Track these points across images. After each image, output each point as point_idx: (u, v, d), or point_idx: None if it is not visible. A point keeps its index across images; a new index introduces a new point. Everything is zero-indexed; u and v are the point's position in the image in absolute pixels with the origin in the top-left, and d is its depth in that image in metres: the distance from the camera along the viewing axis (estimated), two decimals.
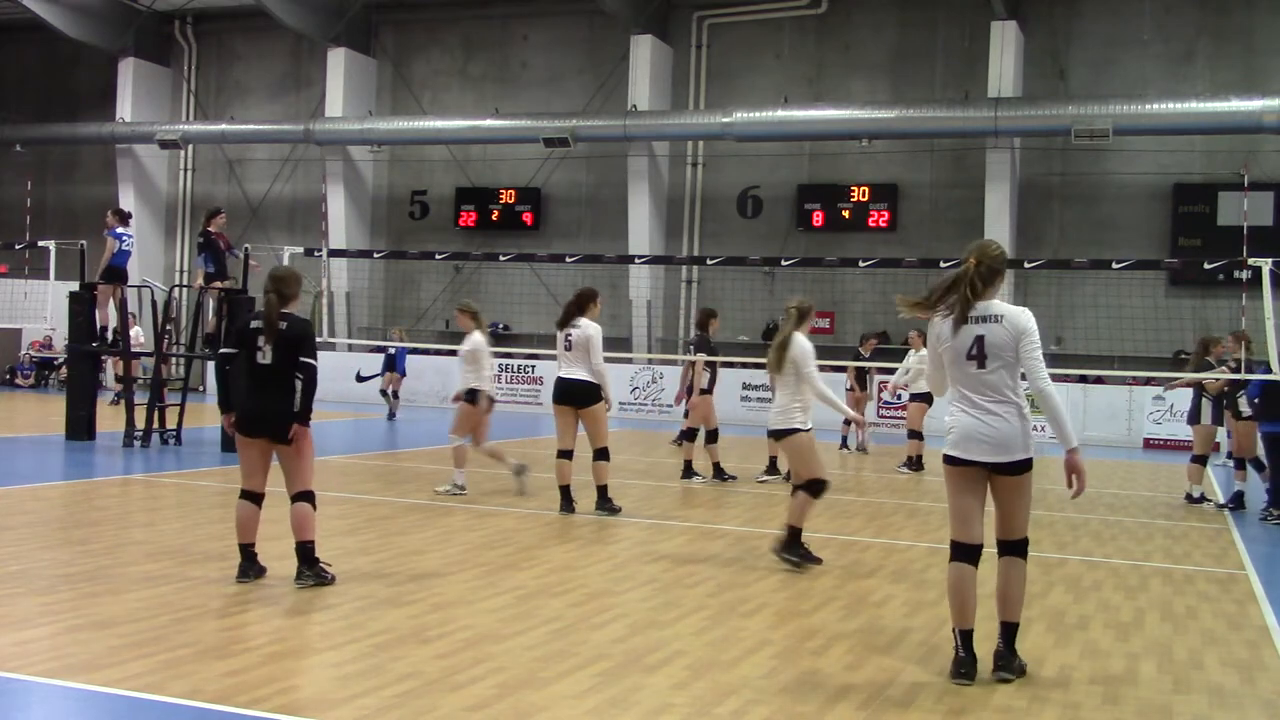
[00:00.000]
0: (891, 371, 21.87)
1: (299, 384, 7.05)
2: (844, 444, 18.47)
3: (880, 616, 6.94)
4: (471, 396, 11.34)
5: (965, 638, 5.69)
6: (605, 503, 10.58)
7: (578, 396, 10.46)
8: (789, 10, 25.74)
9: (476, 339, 11.59)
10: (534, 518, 10.37)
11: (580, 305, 10.58)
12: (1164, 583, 8.39)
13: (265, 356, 7.04)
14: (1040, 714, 5.23)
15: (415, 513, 10.34)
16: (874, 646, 6.27)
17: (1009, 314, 5.68)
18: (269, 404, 7.05)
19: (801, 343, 8.41)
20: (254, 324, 7.16)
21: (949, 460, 5.83)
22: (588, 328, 10.42)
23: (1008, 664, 5.70)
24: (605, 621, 6.53)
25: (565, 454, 10.65)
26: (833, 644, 6.26)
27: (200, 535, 8.73)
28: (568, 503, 10.64)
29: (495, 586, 7.32)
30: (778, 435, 8.58)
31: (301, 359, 7.04)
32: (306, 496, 7.18)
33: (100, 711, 4.85)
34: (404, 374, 23.28)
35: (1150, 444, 21.64)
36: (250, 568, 7.21)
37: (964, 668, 5.65)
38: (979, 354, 5.64)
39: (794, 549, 8.29)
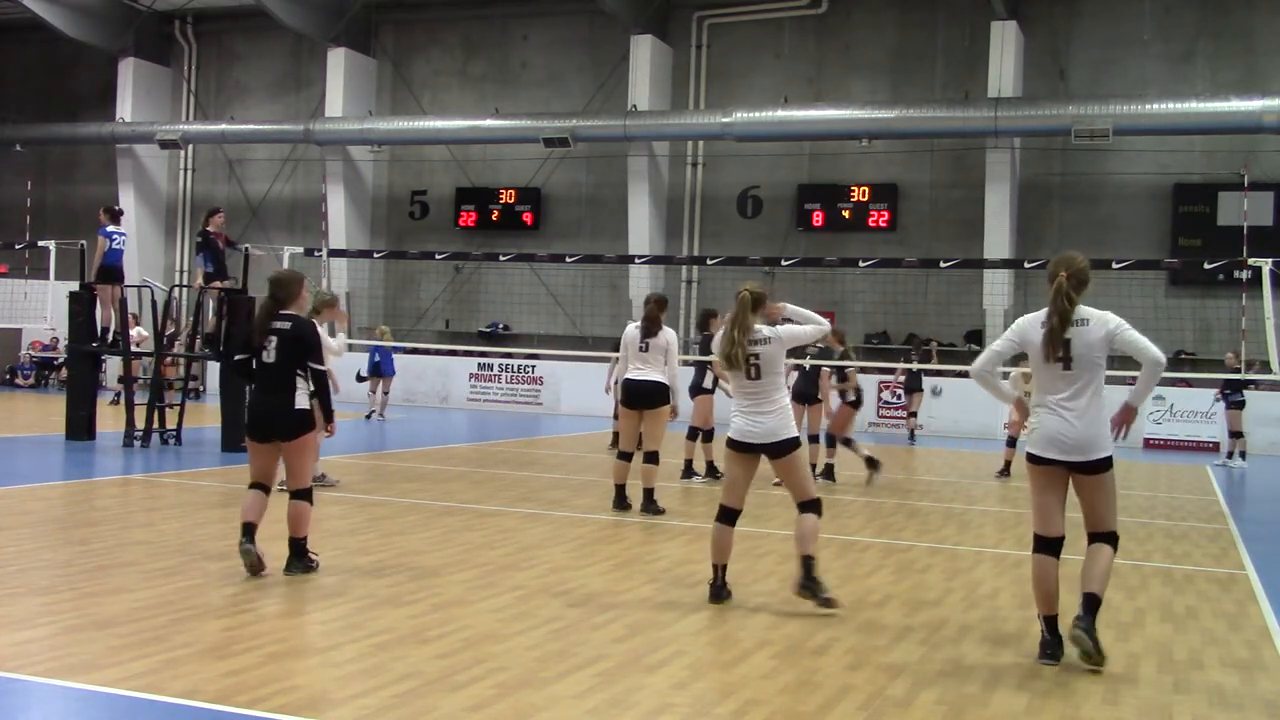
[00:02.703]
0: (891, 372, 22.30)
1: (301, 382, 7.31)
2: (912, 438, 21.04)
3: (880, 617, 6.94)
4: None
5: (1050, 623, 6.00)
6: (650, 504, 10.66)
7: (648, 397, 10.61)
8: (789, 10, 25.74)
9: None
10: (535, 518, 10.37)
11: (661, 311, 10.81)
12: (1164, 583, 8.39)
13: (269, 355, 7.32)
14: (1040, 714, 5.23)
15: (415, 513, 10.34)
16: (874, 646, 6.27)
17: (1095, 316, 5.96)
18: (273, 403, 7.31)
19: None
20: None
21: (1032, 459, 6.04)
22: (668, 333, 10.76)
23: (1088, 630, 5.84)
24: (605, 621, 6.52)
25: (626, 456, 10.82)
26: (833, 644, 6.26)
27: (200, 535, 8.72)
28: (621, 501, 10.80)
29: (495, 586, 7.32)
30: (790, 447, 7.01)
31: (311, 365, 7.34)
32: (305, 494, 7.39)
33: (100, 711, 4.85)
34: (387, 374, 22.53)
35: (1150, 444, 21.65)
36: (249, 541, 7.24)
37: (1050, 649, 5.95)
38: (1065, 356, 5.89)
39: (816, 581, 7.04)
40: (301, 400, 7.32)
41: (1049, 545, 6.03)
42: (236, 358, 7.56)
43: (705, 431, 13.58)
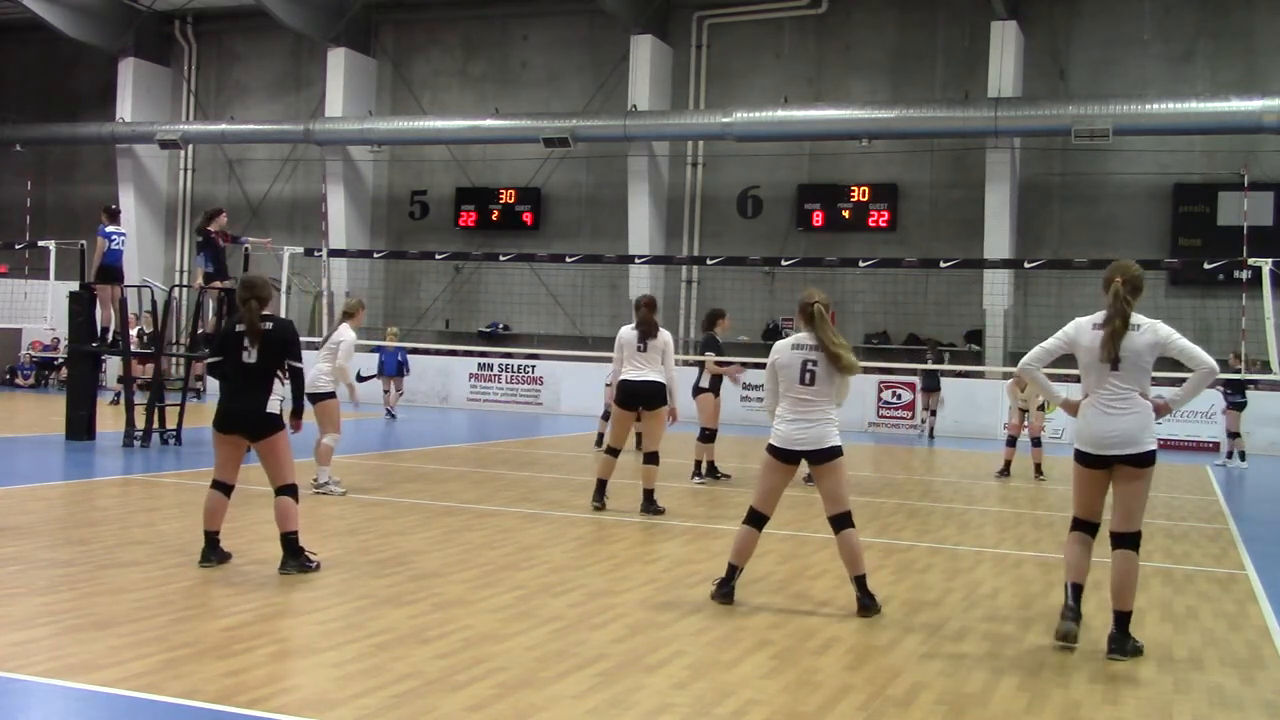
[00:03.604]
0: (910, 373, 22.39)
1: (280, 383, 7.61)
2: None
3: (880, 617, 6.93)
4: (332, 393, 11.26)
5: (1076, 590, 6.34)
6: (651, 505, 10.69)
7: (647, 397, 10.63)
8: (789, 10, 25.74)
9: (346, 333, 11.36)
10: (534, 518, 10.37)
11: (654, 313, 10.83)
12: (1164, 583, 8.39)
13: (250, 356, 7.46)
14: (1040, 714, 5.23)
15: (415, 513, 10.34)
16: (874, 646, 6.27)
17: (1146, 323, 6.28)
18: (247, 402, 7.48)
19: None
20: (239, 328, 7.55)
21: (1080, 458, 6.36)
22: (665, 334, 10.85)
23: (1120, 647, 6.19)
24: (605, 621, 6.52)
25: (614, 452, 10.85)
26: (833, 644, 6.26)
27: (200, 535, 8.70)
28: (600, 496, 10.82)
29: (495, 586, 7.33)
30: (833, 454, 7.02)
31: (290, 363, 7.59)
32: (289, 490, 7.50)
33: (100, 711, 4.84)
34: (392, 373, 22.84)
35: None
36: (213, 553, 7.56)
37: (1070, 614, 6.28)
38: (1114, 357, 6.22)
39: (873, 596, 7.07)
40: (273, 405, 7.56)
41: (1087, 527, 6.42)
42: (209, 361, 7.73)
43: (708, 431, 13.59)
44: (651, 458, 10.72)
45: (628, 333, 10.82)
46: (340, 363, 11.17)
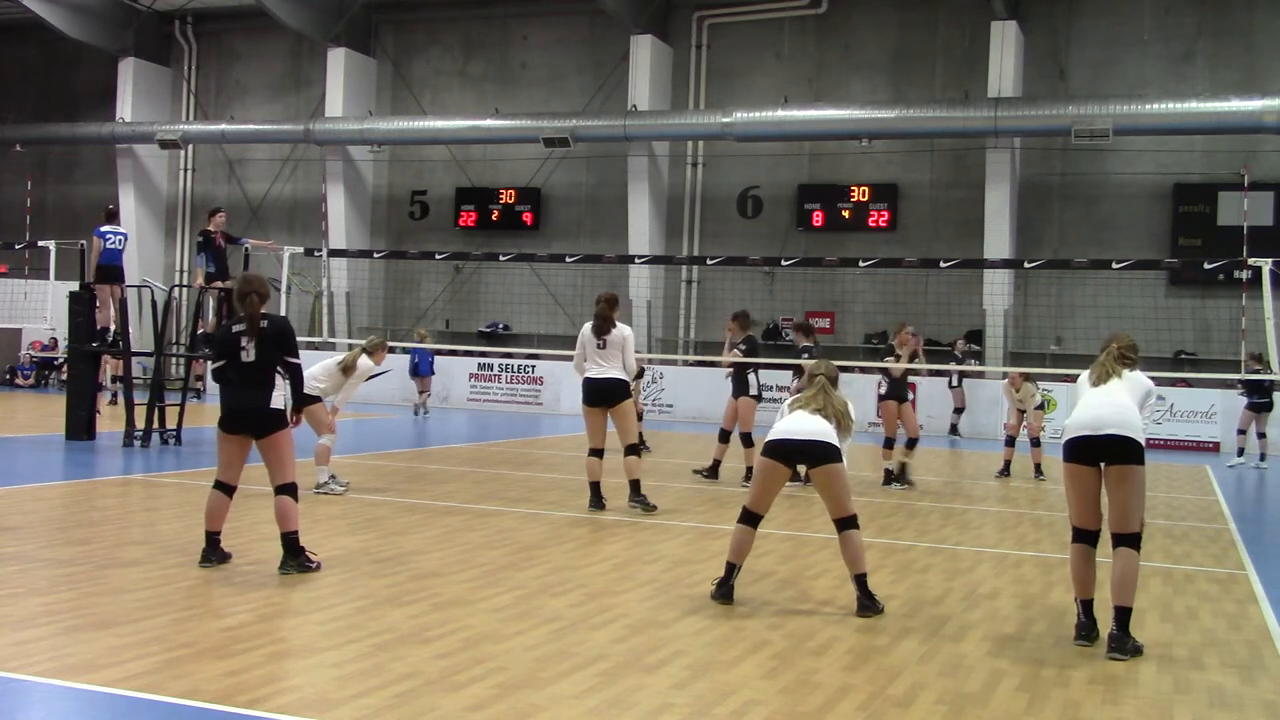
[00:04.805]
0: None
1: (280, 379, 7.65)
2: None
3: (880, 617, 6.93)
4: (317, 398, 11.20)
5: (1086, 606, 6.50)
6: (639, 497, 10.71)
7: (609, 394, 10.70)
8: (789, 10, 25.73)
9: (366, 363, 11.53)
10: (534, 518, 10.37)
11: (613, 309, 10.91)
12: (1164, 583, 8.39)
13: (249, 355, 7.49)
14: (1040, 713, 5.23)
15: (415, 513, 10.34)
16: (874, 647, 6.27)
17: (1139, 374, 6.81)
18: (251, 400, 7.50)
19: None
20: (236, 328, 7.58)
21: (1071, 451, 6.52)
22: (623, 329, 10.91)
23: (1121, 645, 6.23)
24: (605, 621, 6.53)
25: (597, 452, 10.88)
26: (833, 644, 6.26)
27: (200, 535, 8.68)
28: (597, 499, 10.84)
29: (495, 586, 7.33)
30: (829, 455, 7.05)
31: (288, 359, 7.62)
32: (288, 489, 7.50)
33: (100, 711, 4.85)
34: (426, 374, 23.25)
35: (1150, 444, 21.56)
36: (213, 553, 7.58)
37: (1084, 631, 6.46)
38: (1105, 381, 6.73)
39: (873, 596, 7.07)
40: (277, 401, 7.63)
41: (1086, 536, 6.54)
42: (213, 366, 7.71)
43: (723, 431, 13.60)
44: (631, 450, 10.79)
45: (587, 330, 10.89)
46: (353, 386, 11.37)
